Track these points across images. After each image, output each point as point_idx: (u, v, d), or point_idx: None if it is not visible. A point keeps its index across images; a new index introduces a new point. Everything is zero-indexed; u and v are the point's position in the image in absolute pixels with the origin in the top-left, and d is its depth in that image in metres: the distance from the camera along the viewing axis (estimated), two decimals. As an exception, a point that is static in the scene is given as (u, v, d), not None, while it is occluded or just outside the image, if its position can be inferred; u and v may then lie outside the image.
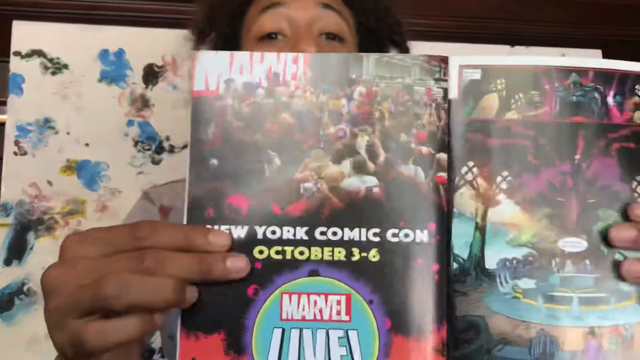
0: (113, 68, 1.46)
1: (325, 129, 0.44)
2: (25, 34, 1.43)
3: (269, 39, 0.75)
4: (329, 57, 0.45)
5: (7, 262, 1.38)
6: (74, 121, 1.43)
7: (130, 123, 1.45)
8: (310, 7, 0.75)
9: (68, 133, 1.42)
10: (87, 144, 1.43)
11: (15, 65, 1.41)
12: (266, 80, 0.44)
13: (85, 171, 1.42)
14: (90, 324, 0.39)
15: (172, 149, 1.46)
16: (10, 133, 1.40)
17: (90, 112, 1.44)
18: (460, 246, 0.43)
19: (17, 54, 1.42)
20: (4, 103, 1.42)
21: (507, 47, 1.57)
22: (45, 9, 1.52)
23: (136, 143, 1.45)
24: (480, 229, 0.43)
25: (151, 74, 1.47)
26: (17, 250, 1.38)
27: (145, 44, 1.47)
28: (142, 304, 0.39)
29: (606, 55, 1.56)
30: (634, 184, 0.44)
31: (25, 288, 1.37)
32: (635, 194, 0.44)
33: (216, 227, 0.42)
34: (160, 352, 1.31)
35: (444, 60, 0.44)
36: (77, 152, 1.42)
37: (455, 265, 0.42)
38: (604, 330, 0.42)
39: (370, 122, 0.44)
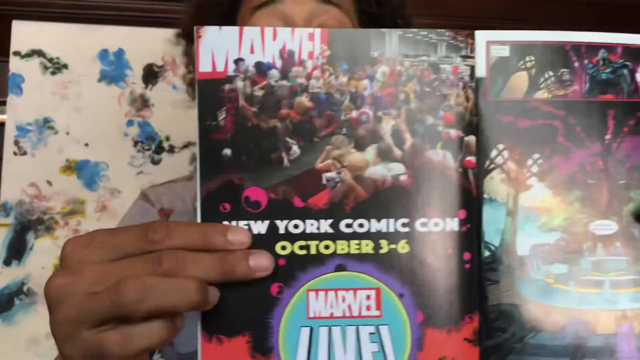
0: (113, 68, 1.45)
1: (347, 113, 0.40)
2: (25, 33, 1.42)
3: None
4: (348, 33, 0.41)
5: (7, 262, 1.37)
6: (73, 121, 1.42)
7: (129, 123, 1.44)
8: (307, 2, 0.70)
9: (68, 133, 1.41)
10: (86, 144, 1.42)
11: (15, 65, 1.40)
12: (280, 60, 0.40)
13: (84, 171, 1.42)
14: (111, 332, 0.37)
15: (171, 149, 1.45)
16: (10, 133, 1.39)
17: (90, 112, 1.43)
18: (492, 233, 0.41)
19: (16, 53, 1.41)
20: (3, 103, 1.41)
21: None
22: (45, 9, 1.51)
23: (136, 143, 1.44)
24: (512, 214, 0.41)
25: (151, 74, 1.46)
26: (17, 251, 1.38)
27: (144, 43, 1.45)
28: (165, 308, 0.36)
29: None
30: None
31: (25, 288, 1.37)
32: None
33: (234, 223, 0.39)
34: (160, 352, 1.30)
35: (470, 35, 0.41)
36: (76, 152, 1.41)
37: (486, 253, 0.41)
38: (636, 312, 0.41)
39: (395, 104, 0.40)
